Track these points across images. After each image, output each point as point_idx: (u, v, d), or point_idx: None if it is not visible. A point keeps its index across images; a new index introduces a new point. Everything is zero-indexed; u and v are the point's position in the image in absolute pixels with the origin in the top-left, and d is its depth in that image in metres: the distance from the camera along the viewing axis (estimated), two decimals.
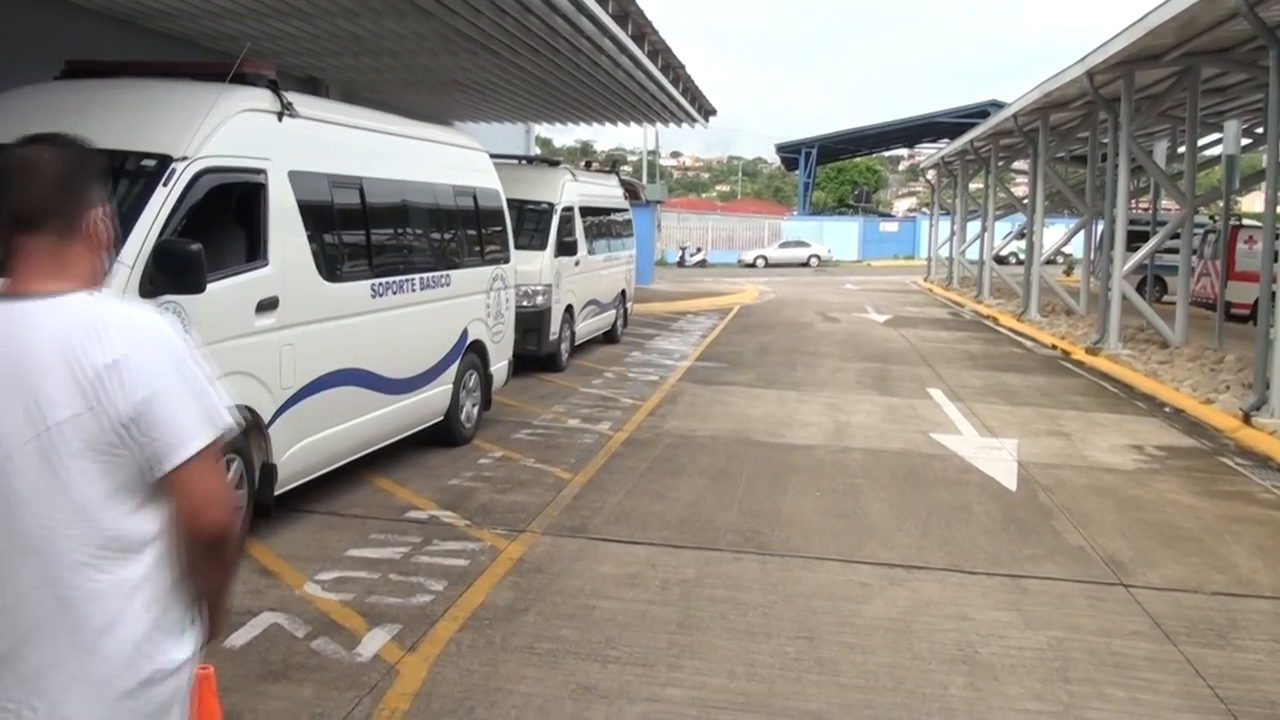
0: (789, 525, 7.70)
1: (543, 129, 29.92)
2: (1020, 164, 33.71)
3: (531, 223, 14.89)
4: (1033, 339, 21.06)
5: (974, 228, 35.51)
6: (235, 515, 2.43)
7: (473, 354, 10.05)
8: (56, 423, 2.16)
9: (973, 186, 39.61)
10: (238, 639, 5.45)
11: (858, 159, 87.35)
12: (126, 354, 2.19)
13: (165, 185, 5.98)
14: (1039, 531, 7.75)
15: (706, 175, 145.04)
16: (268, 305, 6.78)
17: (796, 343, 19.63)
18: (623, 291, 19.23)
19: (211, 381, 2.35)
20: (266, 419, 6.80)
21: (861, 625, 5.86)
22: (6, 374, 2.18)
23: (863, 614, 6.04)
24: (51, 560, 2.17)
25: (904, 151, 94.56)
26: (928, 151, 60.49)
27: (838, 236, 63.43)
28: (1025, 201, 28.49)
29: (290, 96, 7.31)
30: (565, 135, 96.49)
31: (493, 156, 11.62)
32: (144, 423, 2.18)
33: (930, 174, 47.25)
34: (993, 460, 9.93)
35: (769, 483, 8.92)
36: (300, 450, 7.19)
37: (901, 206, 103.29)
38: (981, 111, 48.56)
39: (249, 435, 6.70)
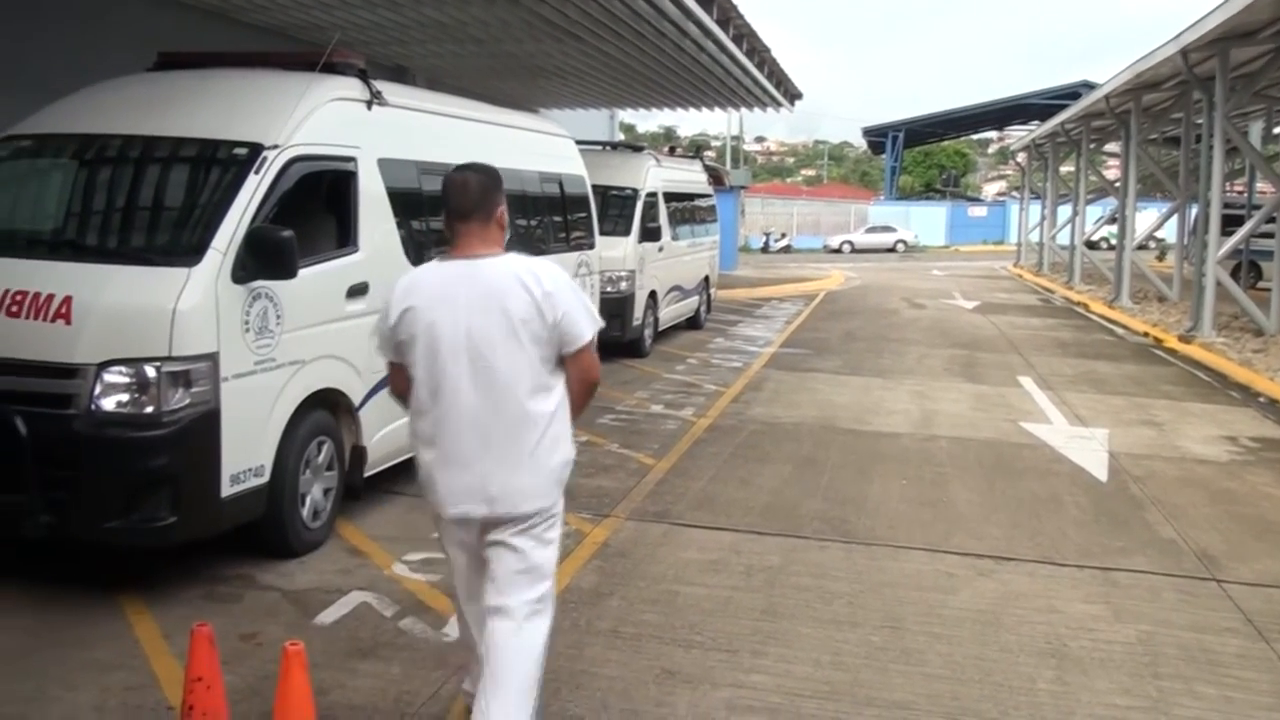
0: (875, 514, 7.66)
1: (626, 115, 29.97)
2: (1112, 146, 32.92)
3: (615, 209, 14.91)
4: (1124, 326, 20.63)
5: (1065, 212, 34.80)
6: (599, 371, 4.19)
7: None
8: (522, 320, 3.87)
9: (1063, 170, 38.84)
10: (327, 616, 5.59)
11: (946, 142, 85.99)
12: (552, 290, 3.92)
13: (257, 173, 6.08)
14: (1130, 524, 7.61)
15: (791, 160, 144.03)
16: (358, 291, 6.89)
17: (883, 329, 19.45)
18: (706, 277, 19.19)
19: (590, 301, 4.15)
20: (357, 402, 6.92)
21: (948, 616, 5.81)
22: (484, 296, 3.89)
23: (950, 605, 5.99)
24: (516, 393, 3.90)
25: (993, 134, 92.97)
26: (1017, 134, 59.42)
27: (925, 221, 62.55)
28: (1117, 185, 27.84)
29: (379, 85, 7.41)
30: (648, 121, 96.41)
31: (577, 143, 11.67)
32: (562, 327, 3.92)
33: (1020, 157, 46.48)
34: (1083, 450, 9.77)
35: (855, 470, 8.87)
36: (389, 433, 7.29)
37: (990, 190, 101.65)
38: (1072, 93, 47.52)
39: (339, 418, 6.83)
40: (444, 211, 4.08)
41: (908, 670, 5.14)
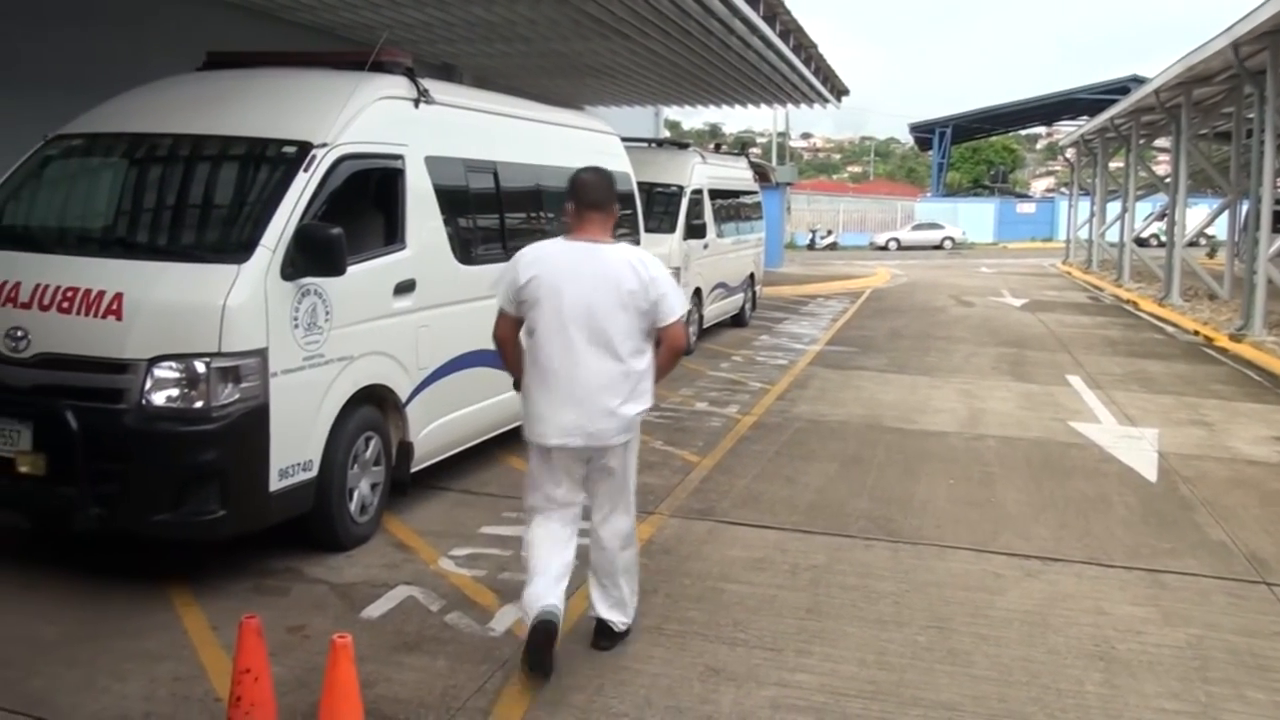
0: (921, 513, 7.61)
1: (671, 112, 29.92)
2: (1162, 141, 32.52)
3: (660, 205, 14.91)
4: (1174, 324, 20.36)
5: (1114, 208, 34.38)
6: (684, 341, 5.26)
7: None
8: (630, 295, 4.87)
9: (1113, 165, 38.35)
10: (374, 610, 5.63)
11: (993, 138, 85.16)
12: (655, 276, 4.95)
13: (306, 171, 6.12)
14: (1179, 525, 7.51)
15: (838, 156, 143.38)
16: (405, 288, 6.93)
17: (930, 327, 19.32)
18: (751, 274, 19.14)
19: (679, 286, 5.25)
20: (403, 398, 6.96)
21: (995, 617, 5.77)
22: (604, 274, 4.89)
23: (997, 605, 5.94)
24: (620, 353, 4.91)
25: (1041, 130, 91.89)
26: (1066, 129, 58.70)
27: (973, 218, 62.07)
28: (1167, 181, 27.47)
29: (426, 83, 7.44)
30: (694, 118, 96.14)
31: (623, 140, 11.66)
32: (658, 306, 4.93)
33: (1069, 153, 45.99)
34: (1132, 450, 9.66)
35: (901, 469, 8.82)
36: (435, 429, 7.35)
37: (1039, 187, 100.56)
38: (1122, 87, 46.89)
39: (387, 414, 6.87)
40: (572, 201, 5.09)
41: (954, 671, 5.10)
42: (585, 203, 5.06)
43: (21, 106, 9.58)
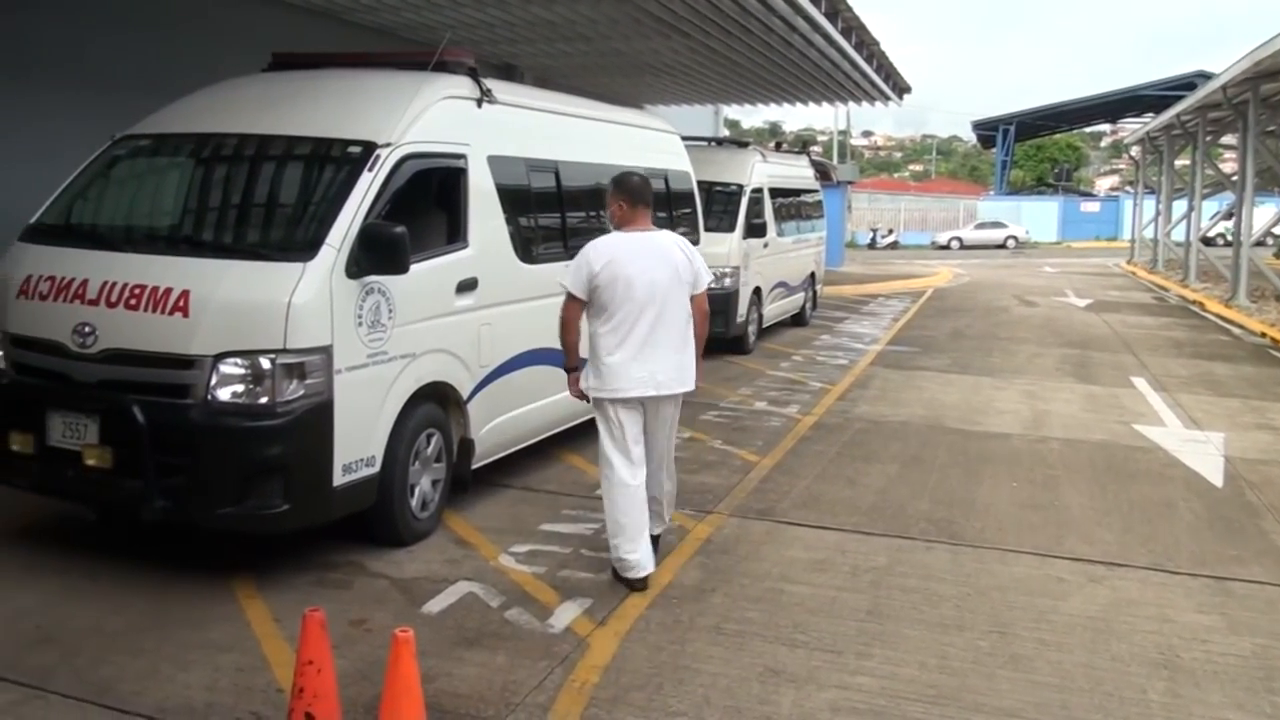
0: (983, 516, 7.52)
1: (731, 110, 29.87)
2: (1229, 139, 31.83)
3: (720, 204, 14.82)
4: (1241, 326, 19.93)
5: (1180, 207, 33.79)
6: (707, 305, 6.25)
7: None
8: (679, 271, 5.99)
9: (1179, 163, 37.66)
10: (435, 605, 5.67)
11: (1057, 135, 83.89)
12: (692, 253, 6.14)
13: (370, 171, 6.15)
14: (1246, 531, 7.37)
15: (899, 154, 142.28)
16: (467, 286, 6.97)
17: (992, 327, 19.11)
18: (812, 274, 19.04)
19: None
20: (465, 395, 7.00)
21: (1058, 622, 5.68)
22: (660, 255, 5.98)
23: (1060, 611, 5.85)
24: (678, 318, 6.01)
25: (1106, 127, 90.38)
26: (1131, 127, 57.76)
27: (1036, 217, 61.27)
28: (1234, 179, 26.90)
29: (489, 83, 7.47)
30: (754, 116, 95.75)
31: (682, 138, 11.65)
32: (698, 277, 6.09)
33: (1134, 150, 45.21)
34: (1198, 454, 9.48)
35: (963, 471, 8.73)
36: (496, 426, 7.38)
37: (1104, 185, 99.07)
38: (1188, 83, 46.03)
39: (448, 411, 6.91)
40: (625, 199, 6.06)
41: (1015, 677, 5.03)
42: (638, 200, 6.09)
43: (88, 105, 9.78)
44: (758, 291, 15.45)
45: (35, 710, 4.49)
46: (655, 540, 6.30)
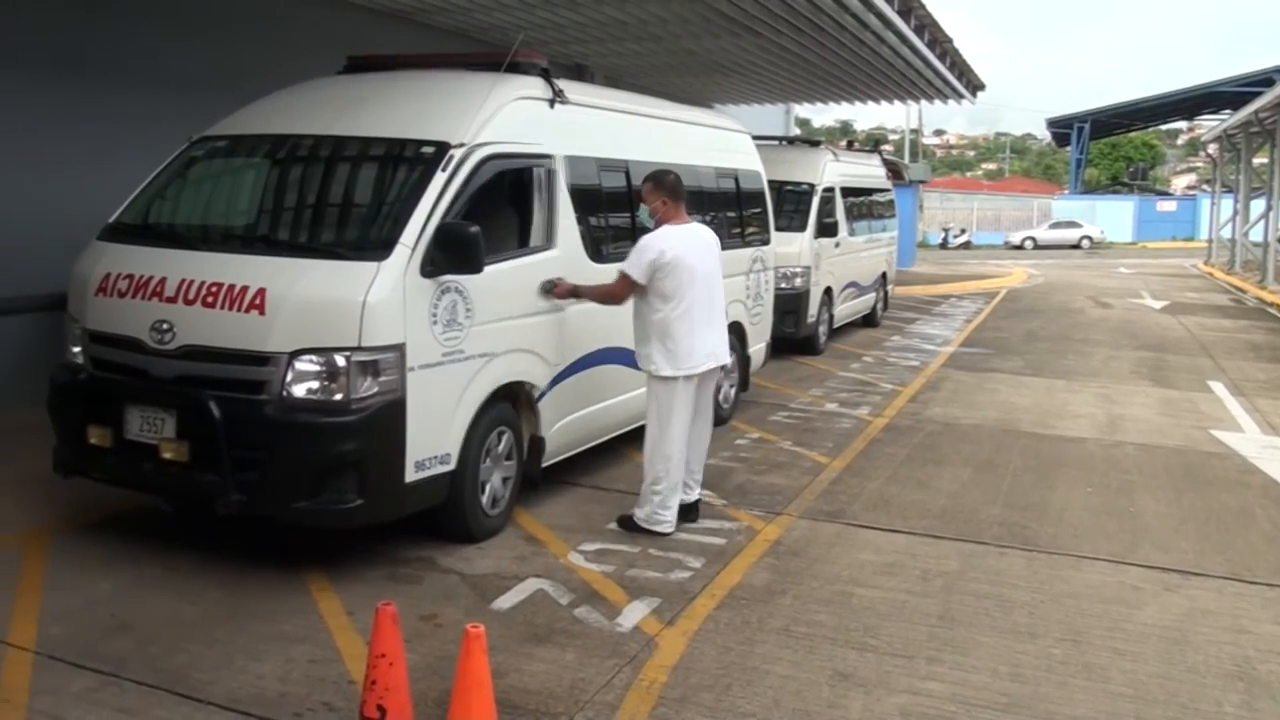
0: (1057, 521, 7.41)
1: (802, 109, 29.68)
2: None
3: (791, 204, 14.76)
4: None
5: (1258, 206, 32.99)
6: None
7: (731, 335, 10.04)
8: (718, 256, 7.08)
9: (1257, 161, 36.76)
10: (504, 602, 5.70)
11: (1133, 133, 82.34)
12: (716, 241, 7.13)
13: (443, 171, 6.19)
14: None
15: (971, 153, 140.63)
16: (546, 286, 7.02)
17: (1066, 329, 18.83)
18: (883, 274, 18.89)
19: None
20: (538, 394, 7.03)
21: (1132, 631, 5.58)
22: (706, 244, 6.99)
23: (1134, 619, 5.75)
24: (720, 295, 7.07)
25: (1182, 124, 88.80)
26: (1208, 124, 56.53)
27: (1111, 217, 60.21)
28: None
29: (561, 83, 7.49)
30: (824, 115, 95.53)
31: (753, 138, 11.61)
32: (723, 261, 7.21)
33: (1211, 148, 44.19)
34: (1276, 461, 9.28)
35: (1036, 475, 8.61)
36: (566, 425, 7.40)
37: (1180, 184, 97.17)
38: (1267, 79, 44.88)
39: (519, 409, 6.95)
40: (668, 196, 6.80)
41: (1089, 686, 4.95)
42: (678, 196, 6.88)
43: (164, 106, 9.98)
44: (828, 292, 15.36)
45: (111, 696, 4.57)
46: (694, 507, 7.14)
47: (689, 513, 7.08)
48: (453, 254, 5.96)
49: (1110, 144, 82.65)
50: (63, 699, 4.53)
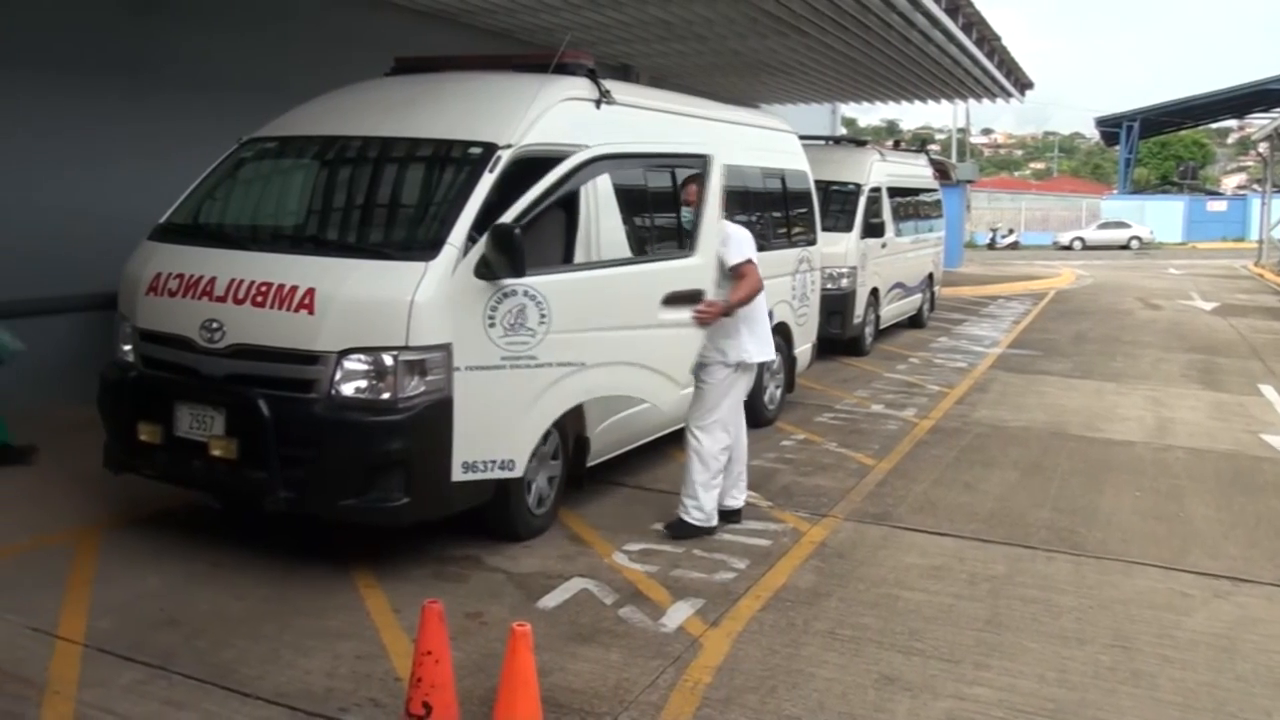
0: (1106, 526, 7.34)
1: (848, 109, 29.54)
2: None
3: (837, 204, 14.70)
4: None
5: None
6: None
7: (776, 336, 10.01)
8: None
9: None
10: (549, 600, 5.72)
11: (1183, 132, 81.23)
12: (731, 233, 6.90)
13: (491, 172, 6.18)
14: None
15: (1019, 153, 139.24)
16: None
17: (1115, 331, 18.63)
18: (930, 274, 18.77)
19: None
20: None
21: (1182, 639, 5.51)
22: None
23: (1183, 626, 5.68)
24: None
25: (1233, 123, 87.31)
26: (1259, 122, 55.59)
27: (1160, 217, 59.44)
28: None
29: (607, 84, 7.48)
30: (870, 114, 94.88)
31: (799, 137, 11.57)
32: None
33: (1262, 147, 43.49)
34: None
35: (1085, 479, 8.52)
36: (610, 425, 7.40)
37: (1230, 184, 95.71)
38: None
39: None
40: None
41: (1137, 694, 4.89)
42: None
43: (214, 107, 10.08)
44: (875, 292, 15.28)
45: (159, 689, 4.63)
46: (739, 513, 7.16)
47: (733, 516, 7.09)
48: (497, 255, 5.87)
49: (1160, 143, 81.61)
50: (111, 691, 4.59)
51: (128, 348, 6.47)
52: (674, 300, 6.64)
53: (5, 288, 8.76)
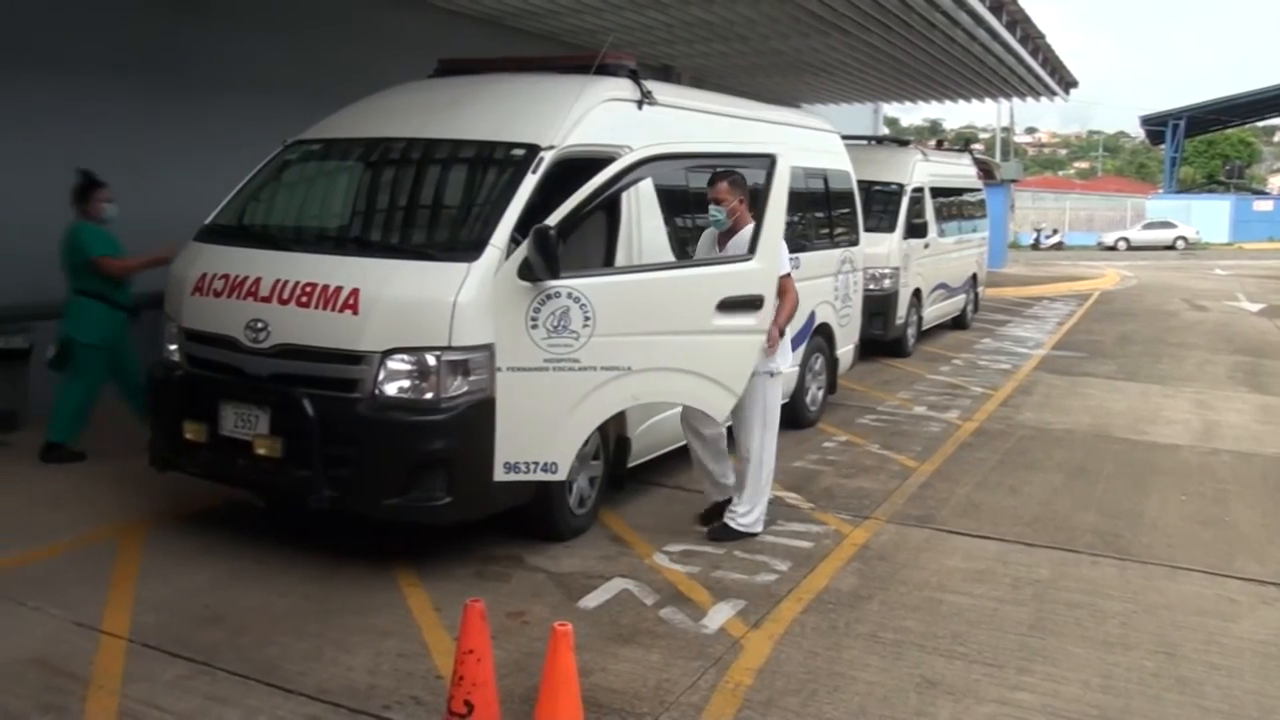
0: (1151, 530, 7.26)
1: (891, 108, 29.41)
2: None
3: (880, 204, 14.62)
4: None
5: None
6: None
7: (819, 337, 10.02)
8: None
9: None
10: (590, 600, 5.73)
11: (1229, 130, 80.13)
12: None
13: (534, 173, 6.20)
14: None
15: (1064, 152, 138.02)
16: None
17: (1161, 332, 18.43)
18: (973, 275, 18.62)
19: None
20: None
21: (1228, 645, 5.44)
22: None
23: (1230, 633, 5.60)
24: None
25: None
26: None
27: (1206, 216, 58.68)
28: None
29: (648, 84, 7.49)
30: (913, 114, 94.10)
31: (842, 138, 11.52)
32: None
33: None
34: None
35: (1130, 483, 8.43)
36: (651, 426, 7.39)
37: (1278, 183, 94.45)
38: None
39: None
40: (745, 194, 6.69)
41: (1182, 701, 4.83)
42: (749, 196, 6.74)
43: (258, 109, 10.18)
44: (917, 293, 15.19)
45: (203, 685, 4.68)
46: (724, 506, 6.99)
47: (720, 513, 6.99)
48: (533, 256, 5.77)
49: (1206, 141, 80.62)
50: (156, 686, 4.65)
51: (173, 347, 6.55)
52: (730, 306, 6.31)
53: (51, 290, 8.88)
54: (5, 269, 8.62)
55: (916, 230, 14.87)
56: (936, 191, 16.22)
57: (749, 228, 6.55)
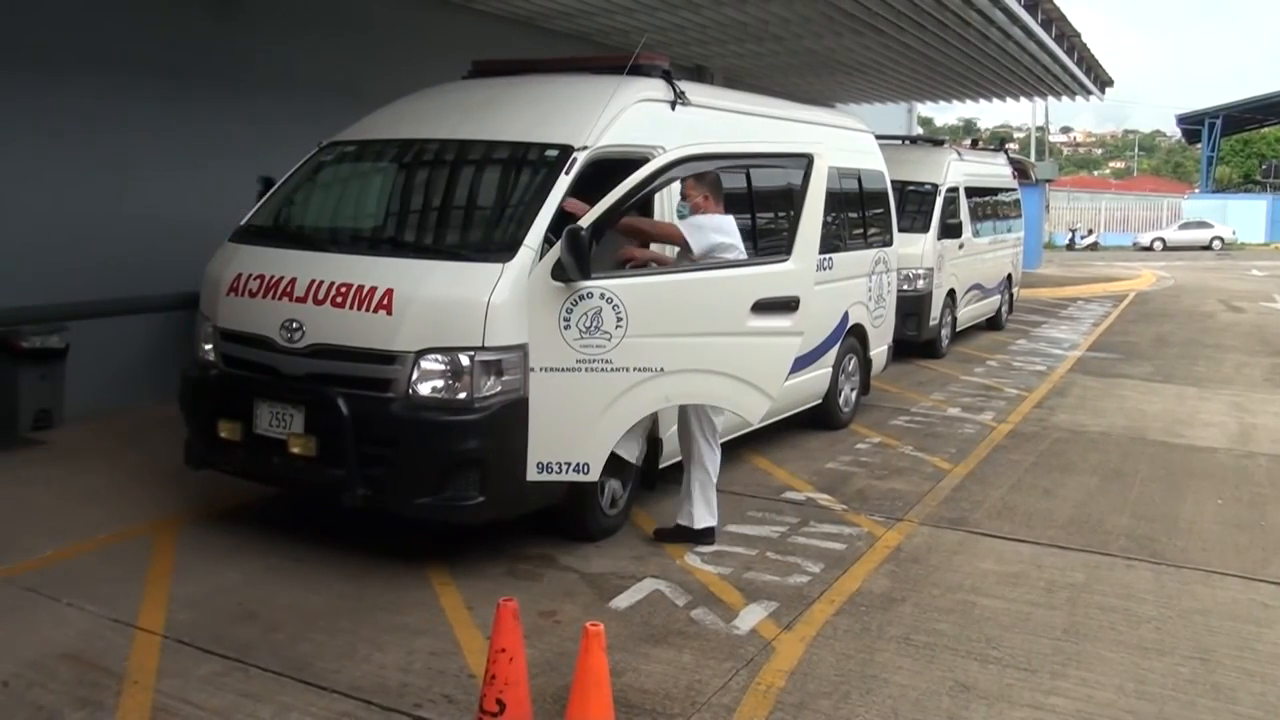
0: (1186, 534, 7.19)
1: (925, 108, 29.27)
2: None
3: (914, 204, 14.56)
4: None
5: None
6: None
7: (852, 338, 9.99)
8: None
9: None
10: (622, 601, 5.73)
11: (1266, 129, 79.15)
12: (704, 223, 6.45)
13: (567, 174, 6.20)
14: None
15: (1099, 151, 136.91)
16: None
17: (1197, 334, 18.25)
18: (1008, 276, 18.50)
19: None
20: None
21: (1263, 651, 5.38)
22: None
23: (1265, 639, 5.54)
24: None
25: None
26: None
27: (1243, 216, 57.96)
28: None
29: (682, 85, 7.48)
30: (947, 113, 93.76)
31: (876, 137, 11.48)
32: None
33: None
34: None
35: (1165, 486, 8.36)
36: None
37: None
38: None
39: None
40: (709, 189, 6.52)
41: (1216, 707, 4.79)
42: (719, 193, 6.65)
43: (293, 110, 10.26)
44: (952, 294, 15.12)
45: (236, 681, 4.71)
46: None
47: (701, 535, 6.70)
48: (565, 257, 5.73)
49: (1243, 140, 79.70)
50: (189, 682, 4.69)
51: (209, 347, 6.60)
52: (765, 307, 6.30)
53: (90, 289, 9.00)
54: (43, 270, 8.73)
55: (951, 230, 14.80)
56: (971, 191, 16.13)
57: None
